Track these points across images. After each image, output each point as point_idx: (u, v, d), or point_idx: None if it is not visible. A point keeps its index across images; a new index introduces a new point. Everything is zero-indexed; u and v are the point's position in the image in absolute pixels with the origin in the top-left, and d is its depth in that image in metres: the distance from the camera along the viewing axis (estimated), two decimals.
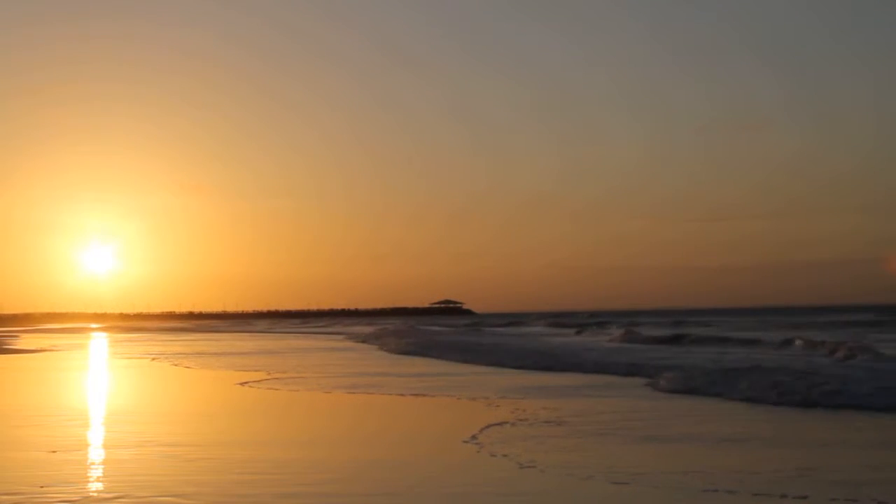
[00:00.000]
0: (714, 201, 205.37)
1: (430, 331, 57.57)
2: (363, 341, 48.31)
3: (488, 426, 12.39)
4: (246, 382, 20.74)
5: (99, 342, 55.45)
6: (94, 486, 8.73)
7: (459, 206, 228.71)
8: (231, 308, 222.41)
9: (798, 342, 31.10)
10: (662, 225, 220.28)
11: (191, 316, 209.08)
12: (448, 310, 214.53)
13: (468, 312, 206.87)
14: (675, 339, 39.06)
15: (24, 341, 55.90)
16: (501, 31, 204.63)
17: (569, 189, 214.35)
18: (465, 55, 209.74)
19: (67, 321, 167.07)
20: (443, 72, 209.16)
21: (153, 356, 34.75)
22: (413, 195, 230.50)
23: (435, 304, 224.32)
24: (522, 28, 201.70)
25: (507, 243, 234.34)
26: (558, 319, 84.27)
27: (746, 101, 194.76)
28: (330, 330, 79.75)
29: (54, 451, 10.74)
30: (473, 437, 11.48)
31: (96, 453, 10.75)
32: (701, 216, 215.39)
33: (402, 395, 17.52)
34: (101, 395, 18.71)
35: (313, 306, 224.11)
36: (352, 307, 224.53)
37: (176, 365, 29.05)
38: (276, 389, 19.17)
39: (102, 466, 9.84)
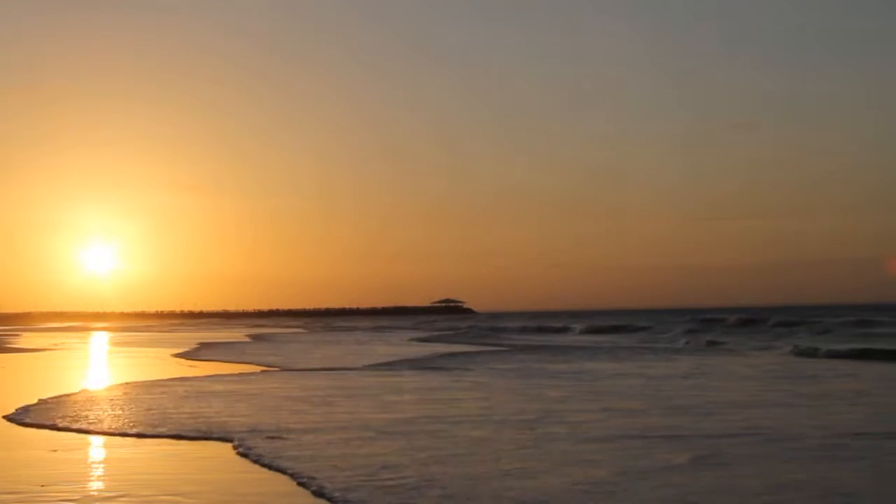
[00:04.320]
0: (710, 200, 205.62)
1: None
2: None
3: None
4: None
5: (99, 341, 55.49)
6: (95, 485, 8.74)
7: (460, 206, 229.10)
8: (232, 307, 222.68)
9: None
10: (660, 223, 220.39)
11: (191, 315, 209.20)
12: (449, 309, 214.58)
13: (469, 311, 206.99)
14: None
15: (26, 340, 55.96)
16: (502, 31, 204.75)
17: (569, 188, 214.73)
18: (464, 55, 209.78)
19: (68, 320, 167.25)
20: (442, 72, 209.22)
21: (153, 354, 34.79)
22: (415, 195, 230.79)
23: (436, 302, 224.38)
24: (522, 29, 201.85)
25: (508, 242, 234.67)
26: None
27: (742, 99, 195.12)
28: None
29: (55, 451, 10.75)
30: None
31: (97, 452, 10.76)
32: (697, 215, 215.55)
33: None
34: (101, 393, 18.71)
35: (315, 305, 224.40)
36: (353, 306, 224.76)
37: (175, 362, 29.09)
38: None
39: (103, 465, 9.86)
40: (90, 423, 13.13)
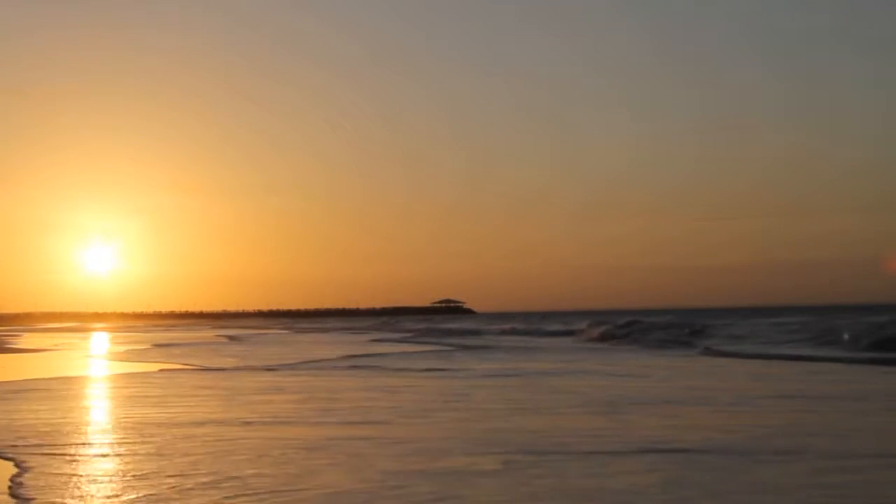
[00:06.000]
0: (711, 200, 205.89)
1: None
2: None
3: None
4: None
5: (99, 341, 55.49)
6: (94, 486, 8.70)
7: (463, 205, 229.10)
8: (233, 308, 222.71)
9: None
10: (662, 224, 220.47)
11: (190, 315, 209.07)
12: (448, 309, 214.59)
13: (469, 312, 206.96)
14: None
15: (26, 341, 55.96)
16: (498, 31, 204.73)
17: (568, 188, 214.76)
18: (463, 56, 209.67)
19: (68, 320, 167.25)
20: (442, 72, 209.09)
21: (152, 355, 34.81)
22: (416, 195, 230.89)
23: (435, 303, 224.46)
24: (519, 28, 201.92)
25: (508, 242, 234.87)
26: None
27: (743, 100, 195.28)
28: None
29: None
30: None
31: (96, 453, 10.72)
32: (699, 215, 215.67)
33: None
34: (100, 393, 18.70)
35: (315, 306, 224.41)
36: (352, 307, 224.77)
37: (173, 363, 29.23)
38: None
39: (102, 466, 9.82)
40: None
